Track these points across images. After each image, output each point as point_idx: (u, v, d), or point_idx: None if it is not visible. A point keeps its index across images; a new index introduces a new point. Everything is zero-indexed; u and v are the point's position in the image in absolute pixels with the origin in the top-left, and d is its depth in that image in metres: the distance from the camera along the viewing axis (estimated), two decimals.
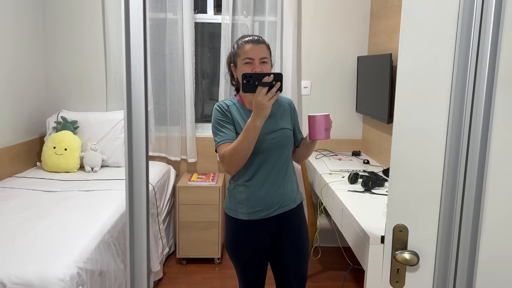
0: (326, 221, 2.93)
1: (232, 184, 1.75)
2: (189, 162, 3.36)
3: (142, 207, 0.89)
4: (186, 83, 3.21)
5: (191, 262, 3.15)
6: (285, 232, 1.77)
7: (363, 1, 3.26)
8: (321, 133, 1.63)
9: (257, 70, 1.61)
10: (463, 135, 0.79)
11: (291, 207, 1.76)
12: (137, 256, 0.93)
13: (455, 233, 0.85)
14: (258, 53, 1.63)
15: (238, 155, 1.56)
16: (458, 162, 0.82)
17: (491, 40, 0.77)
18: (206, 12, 3.36)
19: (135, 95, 0.81)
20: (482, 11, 0.76)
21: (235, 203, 1.72)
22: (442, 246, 0.86)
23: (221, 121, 1.66)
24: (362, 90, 3.11)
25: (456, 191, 0.85)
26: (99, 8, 3.18)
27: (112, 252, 1.96)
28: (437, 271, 0.94)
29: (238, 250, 1.74)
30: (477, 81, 0.79)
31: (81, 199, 2.25)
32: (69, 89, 3.25)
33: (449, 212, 0.86)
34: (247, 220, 1.70)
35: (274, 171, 1.69)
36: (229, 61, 1.75)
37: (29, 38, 3.00)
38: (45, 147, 2.85)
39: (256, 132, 1.54)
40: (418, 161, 1.08)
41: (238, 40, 1.70)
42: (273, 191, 1.69)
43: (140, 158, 0.83)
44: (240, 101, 1.73)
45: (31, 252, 1.63)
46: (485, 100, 0.77)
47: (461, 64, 0.77)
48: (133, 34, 0.82)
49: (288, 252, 1.79)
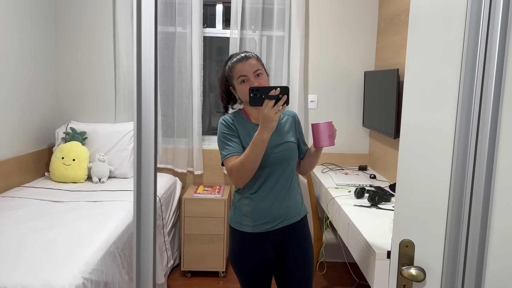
0: (332, 236, 2.91)
1: (237, 196, 1.75)
2: (195, 174, 3.37)
3: (149, 219, 0.90)
4: (194, 96, 3.25)
5: (195, 275, 3.14)
6: (290, 245, 1.77)
7: (370, 16, 3.29)
8: (326, 140, 1.65)
9: (254, 84, 1.63)
10: (470, 152, 0.80)
11: (296, 219, 1.76)
12: (143, 267, 0.94)
13: (462, 249, 0.84)
14: (250, 68, 1.65)
15: (246, 168, 1.58)
16: (465, 179, 0.82)
17: (497, 57, 0.78)
18: (214, 27, 3.41)
19: (145, 107, 0.83)
20: (488, 27, 0.77)
21: (240, 216, 1.72)
22: (448, 262, 0.86)
23: (227, 134, 1.69)
24: (369, 104, 3.11)
25: (462, 207, 0.85)
26: (110, 22, 3.24)
27: (117, 263, 1.96)
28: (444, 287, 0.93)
29: (242, 263, 1.74)
30: (483, 97, 0.80)
31: (87, 210, 2.26)
32: (78, 101, 3.30)
33: (456, 228, 0.86)
34: (252, 232, 1.70)
35: (279, 184, 1.70)
36: (226, 84, 1.77)
37: (41, 51, 3.05)
38: (53, 157, 2.88)
39: (264, 145, 1.55)
40: (424, 177, 1.08)
41: (227, 63, 1.73)
42: (278, 204, 1.70)
43: (149, 170, 0.85)
44: (245, 115, 1.76)
45: (37, 262, 1.64)
46: (492, 116, 0.77)
47: (467, 81, 0.78)
48: (144, 48, 0.84)
49: (293, 265, 1.78)
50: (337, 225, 2.40)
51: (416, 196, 1.09)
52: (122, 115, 3.26)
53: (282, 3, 3.21)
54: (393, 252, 1.13)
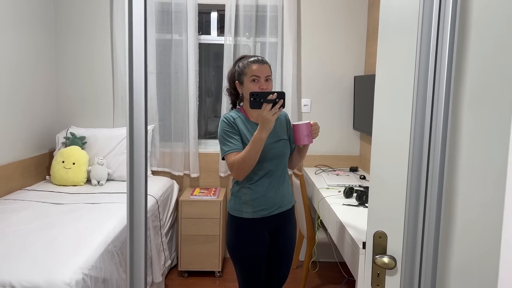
0: (324, 235, 3.00)
1: (236, 187, 1.94)
2: (192, 177, 3.47)
3: (141, 218, 0.99)
4: (190, 101, 3.35)
5: (192, 275, 3.23)
6: (282, 230, 2.00)
7: (360, 23, 3.41)
8: (303, 139, 1.87)
9: (263, 87, 1.83)
10: (424, 147, 0.90)
11: (288, 207, 2.00)
12: (136, 262, 1.03)
13: (419, 238, 0.94)
14: (264, 72, 1.85)
15: (246, 163, 1.78)
16: (420, 174, 0.92)
17: (447, 62, 0.88)
18: (210, 34, 3.52)
19: (137, 112, 0.93)
20: (437, 39, 0.87)
21: (240, 204, 1.92)
22: (407, 251, 0.96)
23: (228, 132, 1.86)
24: (359, 108, 3.22)
25: (419, 200, 0.94)
26: (108, 31, 3.35)
27: (115, 261, 2.06)
28: (404, 274, 1.03)
29: (242, 249, 1.92)
30: (434, 100, 0.90)
31: (87, 211, 2.36)
32: (78, 107, 3.40)
33: (414, 219, 0.95)
34: (251, 218, 1.90)
35: (275, 176, 1.92)
36: (233, 79, 1.94)
37: (41, 59, 3.16)
38: (54, 161, 2.98)
39: (262, 143, 1.76)
40: (393, 173, 1.17)
41: (242, 60, 1.91)
42: (274, 193, 1.92)
43: (140, 172, 0.94)
44: (244, 114, 1.95)
45: (39, 259, 1.74)
46: (443, 115, 0.87)
47: (421, 85, 0.88)
48: (135, 56, 0.94)
49: (283, 248, 2.02)
50: (327, 223, 2.49)
51: (386, 191, 1.18)
52: (120, 120, 3.36)
53: (274, 10, 3.32)
54: (368, 243, 1.23)
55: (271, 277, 2.05)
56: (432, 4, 0.94)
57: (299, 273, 3.33)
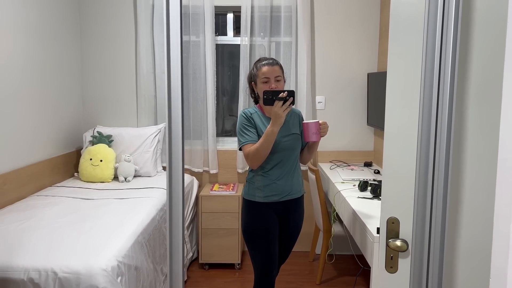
0: (339, 228, 3.10)
1: (251, 174, 2.17)
2: (211, 174, 3.60)
3: (179, 200, 1.12)
4: (208, 100, 3.48)
5: (213, 267, 3.36)
6: (289, 215, 2.21)
7: (372, 21, 3.49)
8: (311, 136, 2.03)
9: (273, 86, 2.04)
10: (431, 140, 1.00)
11: (297, 196, 2.19)
12: (175, 245, 1.16)
13: (427, 222, 1.05)
14: (273, 73, 2.07)
15: (260, 154, 1.99)
16: (428, 163, 1.02)
17: (451, 61, 0.98)
18: (226, 35, 3.64)
19: (174, 109, 1.05)
20: (442, 39, 0.98)
21: (254, 189, 2.13)
22: (417, 234, 1.07)
23: (246, 125, 2.08)
24: (373, 104, 3.30)
25: (427, 187, 1.05)
26: (132, 34, 3.50)
27: (144, 252, 2.20)
28: (414, 256, 1.14)
29: (256, 227, 2.12)
30: (440, 92, 1.00)
31: (116, 206, 2.51)
32: (103, 107, 3.57)
33: (422, 205, 1.06)
34: (262, 202, 2.12)
35: (286, 166, 2.12)
36: (250, 80, 2.18)
37: (68, 63, 3.33)
38: (82, 159, 3.14)
39: (274, 136, 1.96)
40: (403, 163, 1.28)
41: (257, 63, 2.14)
42: (284, 181, 2.12)
43: (178, 161, 1.07)
44: (260, 110, 2.16)
45: (76, 248, 1.88)
46: (448, 106, 0.97)
47: (428, 79, 0.99)
48: (172, 57, 1.06)
49: (287, 234, 2.24)
50: (343, 216, 2.60)
51: (397, 180, 1.29)
52: (143, 120, 3.51)
53: (288, 10, 3.42)
54: (382, 228, 1.33)
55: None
56: (436, 3, 1.04)
57: (316, 265, 3.43)
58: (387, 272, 1.32)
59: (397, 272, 1.31)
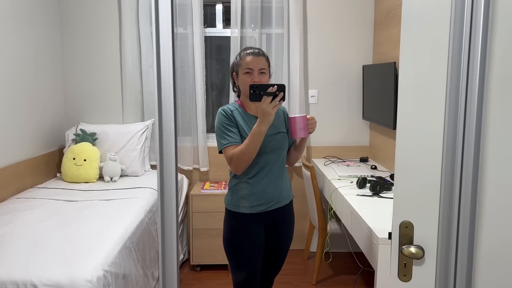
0: (336, 226, 3.00)
1: (234, 181, 1.91)
2: (201, 171, 3.46)
3: (172, 206, 0.99)
4: (198, 95, 3.33)
5: (205, 269, 3.23)
6: (278, 225, 1.97)
7: (367, 12, 3.38)
8: (298, 132, 1.80)
9: (256, 80, 1.80)
10: (458, 136, 0.89)
11: (286, 202, 1.96)
12: (167, 248, 1.03)
13: (454, 227, 0.93)
14: (258, 64, 1.81)
15: (245, 157, 1.75)
16: (455, 161, 0.91)
17: (480, 48, 0.87)
18: (215, 26, 3.49)
19: (165, 104, 0.92)
20: (471, 23, 0.86)
21: (238, 198, 1.88)
22: (442, 240, 0.95)
23: (226, 125, 1.83)
24: (368, 98, 3.20)
25: (453, 187, 0.94)
26: (116, 26, 3.33)
27: (133, 257, 2.06)
28: (439, 264, 1.02)
29: (238, 242, 1.89)
30: (469, 85, 0.89)
31: (102, 208, 2.36)
32: (86, 103, 3.39)
33: (448, 208, 0.95)
34: (248, 213, 1.87)
35: (273, 170, 1.88)
36: (232, 70, 1.93)
37: (47, 55, 3.15)
38: (64, 158, 2.98)
39: (261, 137, 1.72)
40: (419, 162, 1.17)
41: (241, 52, 1.89)
42: (272, 188, 1.88)
43: (170, 162, 0.94)
44: (242, 106, 1.91)
45: (58, 256, 1.74)
46: (478, 101, 0.86)
47: (454, 70, 0.87)
48: (163, 48, 0.93)
49: (276, 245, 2.01)
50: (341, 215, 2.49)
51: (412, 180, 1.18)
52: (129, 117, 3.36)
53: (280, 1, 3.29)
54: (394, 233, 1.22)
55: (264, 269, 2.05)
56: None
57: (310, 264, 3.34)
58: (400, 280, 1.22)
59: (411, 280, 1.20)
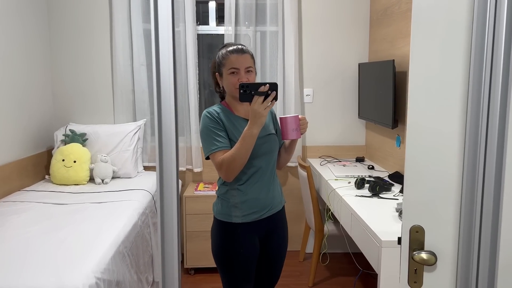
0: (333, 227, 2.95)
1: (223, 188, 1.77)
2: (195, 172, 3.39)
3: (173, 207, 0.92)
4: (190, 95, 3.26)
5: (199, 272, 3.16)
6: (272, 233, 1.86)
7: (362, 9, 3.33)
8: (290, 133, 1.70)
9: (243, 80, 1.67)
10: (481, 136, 0.83)
11: (279, 209, 1.86)
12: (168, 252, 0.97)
13: (476, 233, 0.88)
14: (244, 62, 1.69)
15: (237, 162, 1.63)
16: (477, 163, 0.85)
17: (504, 42, 0.81)
18: (208, 24, 3.42)
19: (165, 103, 0.85)
20: (495, 13, 0.80)
21: (228, 207, 1.75)
22: (463, 246, 0.90)
23: (214, 128, 1.70)
24: (364, 96, 3.15)
25: (475, 191, 0.88)
26: (107, 23, 3.23)
27: (126, 262, 1.98)
28: (459, 271, 0.97)
29: (230, 255, 1.76)
30: (492, 81, 0.83)
31: (93, 211, 2.27)
32: (76, 103, 3.29)
33: (469, 213, 0.89)
34: (241, 223, 1.74)
35: (265, 175, 1.77)
36: (213, 70, 1.80)
37: (35, 53, 3.04)
38: (53, 160, 2.88)
39: (253, 140, 1.61)
40: (432, 163, 1.11)
41: (222, 49, 1.75)
42: (265, 194, 1.77)
43: (171, 164, 0.87)
44: (228, 108, 1.78)
45: (47, 263, 1.65)
46: (501, 100, 0.81)
47: (477, 66, 0.82)
48: (162, 47, 0.86)
49: (275, 253, 1.89)
50: (339, 216, 2.44)
51: (424, 182, 1.12)
52: (121, 116, 3.26)
53: None
54: (404, 238, 1.17)
55: (261, 279, 1.93)
56: None
57: (306, 265, 3.28)
58: (410, 287, 1.16)
59: (422, 287, 1.15)
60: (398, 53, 2.73)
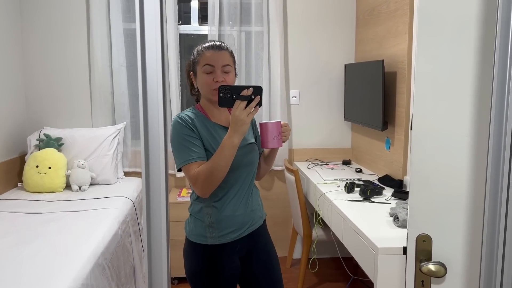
0: (322, 232, 2.87)
1: (197, 206, 1.56)
2: (177, 177, 3.27)
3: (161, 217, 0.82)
4: (172, 97, 3.15)
5: (182, 281, 3.04)
6: (254, 251, 1.66)
7: (348, 9, 3.28)
8: (271, 141, 1.50)
9: (219, 80, 1.49)
10: (506, 138, 0.76)
11: (259, 224, 1.66)
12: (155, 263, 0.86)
13: (500, 245, 0.80)
14: (220, 60, 1.50)
15: (215, 176, 1.42)
16: (500, 167, 0.78)
17: None
18: (190, 24, 3.31)
19: (151, 103, 0.75)
20: None
21: (203, 228, 1.54)
22: (486, 258, 0.82)
23: (187, 136, 1.48)
24: (351, 98, 3.10)
25: (499, 195, 0.81)
26: (84, 22, 3.08)
27: (106, 275, 1.85)
28: (471, 283, 0.89)
29: (208, 280, 1.56)
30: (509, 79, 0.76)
31: (70, 221, 2.13)
32: (51, 106, 3.12)
33: (492, 222, 0.82)
34: (218, 244, 1.54)
35: (243, 189, 1.58)
36: (188, 69, 1.62)
37: (6, 52, 2.87)
38: (26, 166, 2.71)
39: (234, 150, 1.42)
40: (439, 168, 1.04)
41: (198, 46, 1.58)
42: (243, 209, 1.58)
43: (159, 170, 0.77)
44: (203, 113, 1.58)
45: (18, 280, 1.51)
46: None
47: (501, 61, 0.74)
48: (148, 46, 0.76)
49: (259, 272, 1.67)
50: (329, 221, 2.36)
51: (431, 188, 1.05)
52: (99, 120, 3.12)
53: None
54: (410, 247, 1.09)
55: None
56: None
57: (294, 271, 3.19)
58: None
59: None
60: (387, 53, 2.68)
